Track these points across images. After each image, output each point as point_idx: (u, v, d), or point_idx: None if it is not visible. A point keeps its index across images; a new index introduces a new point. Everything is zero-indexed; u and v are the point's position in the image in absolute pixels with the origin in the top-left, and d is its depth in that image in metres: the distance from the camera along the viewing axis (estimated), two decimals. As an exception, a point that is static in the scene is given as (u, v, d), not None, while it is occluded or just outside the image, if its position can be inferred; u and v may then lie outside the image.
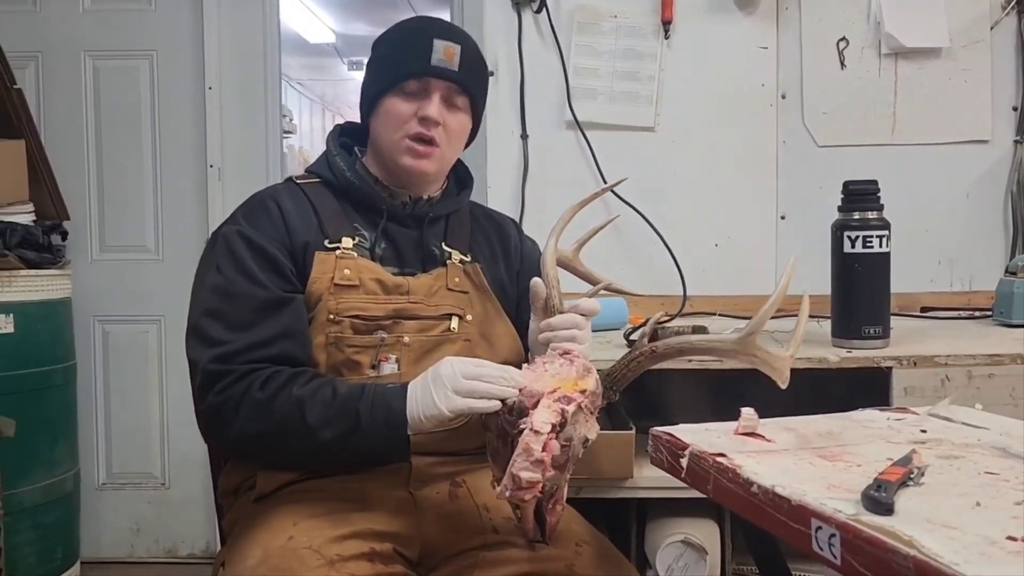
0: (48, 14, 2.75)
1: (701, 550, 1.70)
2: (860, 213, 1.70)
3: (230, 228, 1.25)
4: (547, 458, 0.97)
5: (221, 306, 1.19)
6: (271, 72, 2.79)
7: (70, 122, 2.77)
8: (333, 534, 1.11)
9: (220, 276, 1.21)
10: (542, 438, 0.97)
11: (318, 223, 1.27)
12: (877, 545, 0.68)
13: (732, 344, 1.00)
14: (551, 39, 2.34)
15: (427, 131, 1.26)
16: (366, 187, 1.31)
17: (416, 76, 1.26)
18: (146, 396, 2.83)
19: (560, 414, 1.00)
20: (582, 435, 1.04)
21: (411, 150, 1.27)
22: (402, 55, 1.28)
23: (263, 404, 1.12)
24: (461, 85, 1.29)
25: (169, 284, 2.74)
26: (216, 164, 2.75)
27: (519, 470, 0.96)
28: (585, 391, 1.04)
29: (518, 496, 0.97)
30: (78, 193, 2.75)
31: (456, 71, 1.27)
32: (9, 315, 2.30)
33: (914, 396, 1.59)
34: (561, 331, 1.18)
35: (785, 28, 2.35)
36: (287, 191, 1.31)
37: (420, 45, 1.26)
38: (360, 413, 1.10)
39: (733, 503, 0.90)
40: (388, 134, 1.29)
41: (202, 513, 2.83)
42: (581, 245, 1.35)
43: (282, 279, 1.22)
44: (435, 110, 1.26)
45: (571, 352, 1.12)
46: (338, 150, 1.35)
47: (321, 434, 1.11)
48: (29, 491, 2.37)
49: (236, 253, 1.22)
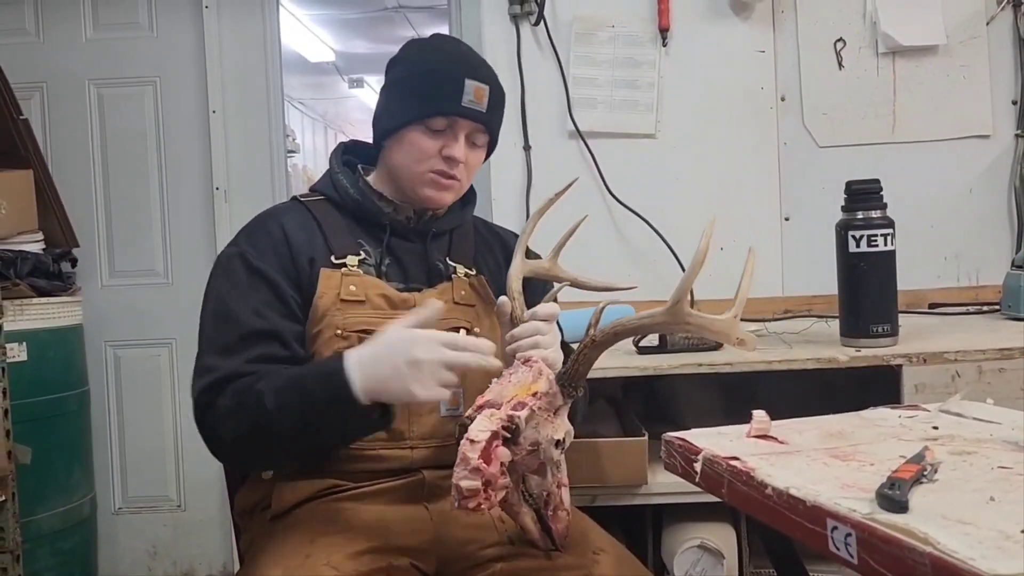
0: (51, 44, 2.78)
1: (718, 554, 1.69)
2: (864, 212, 1.70)
3: (232, 250, 1.27)
4: (489, 468, 0.97)
5: (215, 331, 1.21)
6: (274, 93, 2.81)
7: (76, 150, 2.80)
8: (350, 550, 1.11)
9: (217, 300, 1.23)
10: (478, 446, 0.97)
11: (324, 240, 1.28)
12: (893, 543, 0.68)
13: (662, 316, 1.01)
14: (550, 50, 2.36)
15: (450, 170, 1.28)
16: (369, 203, 1.32)
17: (445, 115, 1.27)
18: (160, 419, 2.84)
19: (508, 420, 1.00)
20: (549, 436, 1.05)
21: (434, 183, 1.29)
22: (431, 91, 1.27)
23: (231, 410, 1.14)
24: (487, 127, 1.31)
25: (179, 307, 2.76)
26: (222, 186, 2.77)
27: (458, 479, 0.97)
28: (536, 393, 1.05)
29: (464, 505, 0.98)
30: (86, 220, 2.77)
31: (484, 112, 1.28)
32: (22, 343, 2.32)
33: (925, 393, 1.59)
34: (523, 340, 1.19)
35: (782, 31, 2.36)
36: (291, 210, 1.33)
37: (452, 83, 1.26)
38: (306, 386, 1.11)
39: (748, 506, 0.90)
40: (410, 165, 1.29)
41: (219, 534, 2.83)
42: (556, 252, 1.36)
43: (280, 303, 1.22)
44: (461, 152, 1.28)
45: (531, 359, 1.13)
46: (341, 168, 1.36)
47: (282, 421, 1.11)
48: (47, 517, 2.38)
49: (234, 276, 1.23)
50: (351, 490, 1.21)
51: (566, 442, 1.08)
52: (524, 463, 1.05)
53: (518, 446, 1.02)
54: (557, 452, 1.07)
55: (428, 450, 1.23)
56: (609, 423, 1.87)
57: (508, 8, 2.35)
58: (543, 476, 1.07)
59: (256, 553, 1.18)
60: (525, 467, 1.06)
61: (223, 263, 1.26)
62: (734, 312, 1.00)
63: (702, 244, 0.98)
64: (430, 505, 1.23)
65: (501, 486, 1.00)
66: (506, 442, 1.00)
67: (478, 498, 0.97)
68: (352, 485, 1.22)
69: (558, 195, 1.38)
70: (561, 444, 1.07)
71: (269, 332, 1.20)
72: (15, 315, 2.29)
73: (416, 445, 1.23)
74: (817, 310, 2.03)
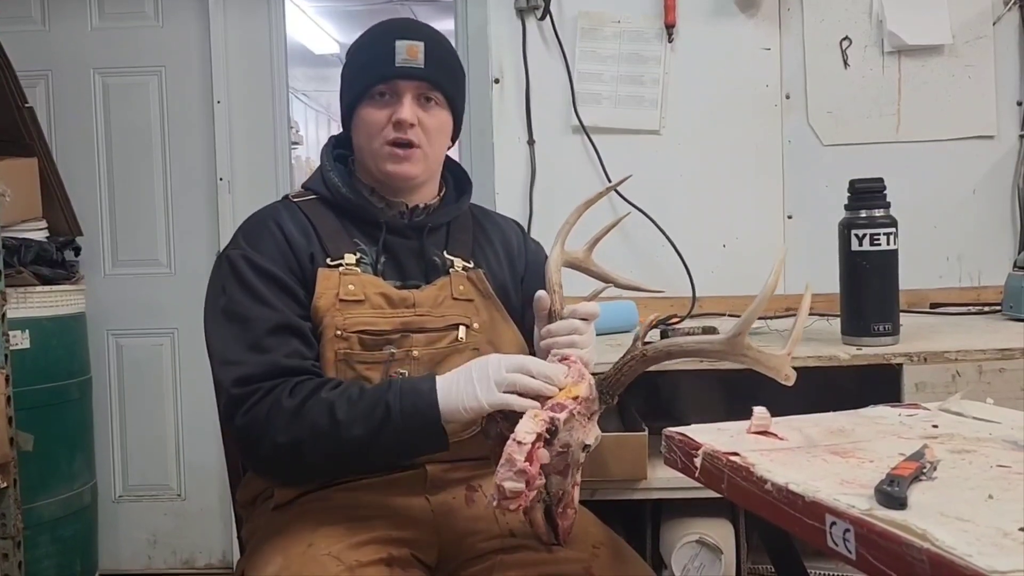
0: (57, 32, 2.78)
1: (716, 550, 1.70)
2: (867, 211, 1.70)
3: (235, 252, 1.24)
4: (531, 468, 0.97)
5: (236, 329, 1.18)
6: (278, 84, 2.82)
7: (81, 139, 2.80)
8: (352, 540, 1.12)
9: (230, 300, 1.20)
10: (525, 448, 0.97)
11: (319, 241, 1.26)
12: (891, 539, 0.68)
13: (720, 345, 1.00)
14: (555, 45, 2.35)
15: (403, 135, 1.25)
16: (362, 201, 1.31)
17: (383, 80, 1.26)
18: (161, 408, 2.85)
19: (549, 422, 1.00)
20: (580, 440, 1.05)
21: (392, 155, 1.26)
22: (367, 61, 1.27)
23: (294, 411, 1.11)
24: (430, 81, 1.27)
25: (182, 297, 2.77)
26: (226, 177, 2.78)
27: (501, 480, 0.96)
28: (577, 397, 1.05)
29: (504, 506, 0.97)
30: (90, 209, 2.78)
31: (422, 68, 1.25)
32: (25, 331, 2.33)
33: (925, 392, 1.60)
34: (560, 337, 1.17)
35: (787, 29, 2.36)
36: (285, 211, 1.30)
37: (383, 48, 1.25)
38: (389, 404, 1.09)
39: (747, 501, 0.90)
40: (368, 143, 1.28)
41: (219, 523, 2.85)
42: (593, 245, 1.33)
43: (293, 300, 1.21)
44: (407, 112, 1.25)
45: (569, 357, 1.13)
46: (332, 164, 1.34)
47: (352, 431, 1.09)
48: (48, 504, 2.39)
49: (243, 277, 1.21)
50: (353, 481, 1.21)
51: (593, 446, 1.08)
52: (552, 464, 1.04)
53: (551, 447, 1.02)
54: (583, 455, 1.07)
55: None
56: (610, 418, 1.88)
57: (514, 2, 2.35)
58: (564, 476, 1.07)
59: (258, 542, 1.19)
60: (552, 467, 1.05)
61: (229, 264, 1.23)
62: (788, 349, 0.99)
63: (771, 279, 0.97)
64: (431, 497, 1.23)
65: (537, 486, 1.00)
66: (544, 443, 1.00)
67: (519, 500, 0.97)
68: (354, 476, 1.22)
69: (608, 189, 1.39)
70: (588, 448, 1.07)
71: (292, 327, 1.19)
72: (18, 302, 2.30)
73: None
74: (818, 308, 2.03)
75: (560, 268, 1.25)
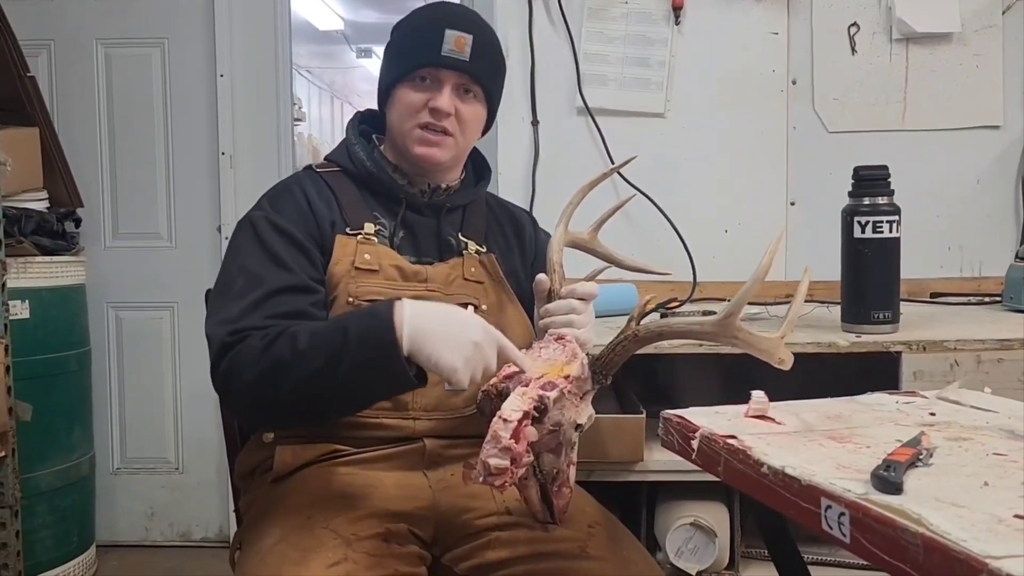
0: (60, 2, 2.76)
1: (711, 532, 1.71)
2: (870, 199, 1.70)
3: (257, 214, 1.26)
4: (517, 446, 0.97)
5: (245, 286, 1.17)
6: (282, 59, 2.80)
7: (83, 109, 2.79)
8: (349, 514, 1.13)
9: (246, 258, 1.21)
10: (511, 426, 0.97)
11: (339, 210, 1.28)
12: (886, 523, 0.69)
13: (711, 327, 0.99)
14: (562, 25, 2.34)
15: (437, 122, 1.27)
16: (385, 176, 1.32)
17: (427, 66, 1.27)
18: (160, 382, 2.86)
19: (538, 400, 1.00)
20: (571, 419, 1.05)
21: (422, 139, 1.28)
22: (414, 44, 1.28)
23: (263, 348, 1.08)
24: (472, 75, 1.28)
25: (182, 271, 2.76)
26: (228, 151, 2.77)
27: (487, 456, 0.96)
28: (569, 376, 1.05)
29: (490, 482, 0.97)
30: (91, 180, 2.77)
31: (467, 61, 1.26)
32: (24, 301, 2.33)
33: (923, 380, 1.60)
34: (557, 316, 1.19)
35: (796, 14, 2.34)
36: (309, 179, 1.32)
37: (432, 34, 1.26)
38: (347, 328, 1.06)
39: (743, 484, 0.91)
40: (400, 123, 1.29)
41: (216, 497, 2.86)
42: (599, 226, 1.34)
43: (309, 262, 1.22)
44: (446, 102, 1.26)
45: (565, 336, 1.13)
46: (357, 138, 1.36)
47: (312, 361, 1.05)
48: (46, 475, 2.41)
49: (262, 236, 1.22)
50: (352, 455, 1.22)
51: (586, 426, 1.08)
52: (543, 442, 1.05)
53: (541, 425, 1.02)
54: (576, 435, 1.07)
55: (431, 422, 1.24)
56: (608, 401, 1.88)
57: (522, -18, 2.33)
58: (557, 455, 1.07)
59: (256, 515, 1.20)
60: (543, 446, 1.06)
61: (250, 225, 1.24)
62: (782, 332, 0.98)
63: (764, 260, 0.95)
64: (429, 473, 1.24)
65: (524, 464, 1.00)
66: (533, 421, 1.00)
67: (504, 476, 0.97)
68: (353, 450, 1.22)
69: (612, 170, 1.38)
70: (581, 428, 1.07)
71: (303, 287, 1.19)
72: (18, 273, 2.30)
73: (419, 416, 1.24)
74: (819, 295, 2.03)
75: (562, 249, 1.26)
